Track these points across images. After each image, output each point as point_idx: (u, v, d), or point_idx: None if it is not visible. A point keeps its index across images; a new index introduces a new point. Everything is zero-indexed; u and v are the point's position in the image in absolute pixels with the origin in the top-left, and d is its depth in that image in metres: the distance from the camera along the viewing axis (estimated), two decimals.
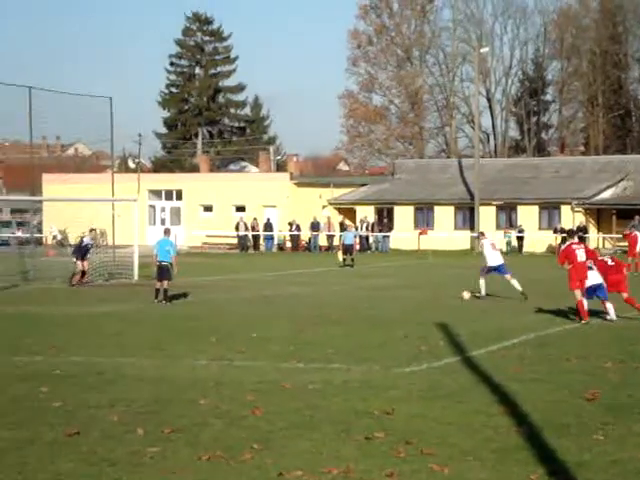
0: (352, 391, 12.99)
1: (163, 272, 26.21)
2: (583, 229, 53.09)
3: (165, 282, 26.17)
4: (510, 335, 18.84)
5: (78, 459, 9.45)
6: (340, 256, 44.63)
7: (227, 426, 10.91)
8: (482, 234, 30.73)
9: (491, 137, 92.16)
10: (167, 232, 27.60)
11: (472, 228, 60.07)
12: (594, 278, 21.44)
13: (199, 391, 12.96)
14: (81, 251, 32.86)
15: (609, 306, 21.38)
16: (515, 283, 26.75)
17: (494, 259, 27.49)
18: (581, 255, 21.60)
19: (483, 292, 27.08)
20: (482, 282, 27.21)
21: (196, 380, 13.89)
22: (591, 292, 21.48)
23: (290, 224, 63.31)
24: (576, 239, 22.83)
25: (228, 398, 12.48)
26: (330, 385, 13.44)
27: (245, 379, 13.96)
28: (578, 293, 21.18)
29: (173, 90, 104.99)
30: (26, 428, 10.80)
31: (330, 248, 61.56)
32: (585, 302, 21.11)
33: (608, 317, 21.28)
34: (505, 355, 16.36)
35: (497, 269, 27.49)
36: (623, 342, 17.99)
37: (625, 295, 21.87)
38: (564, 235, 44.84)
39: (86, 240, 33.24)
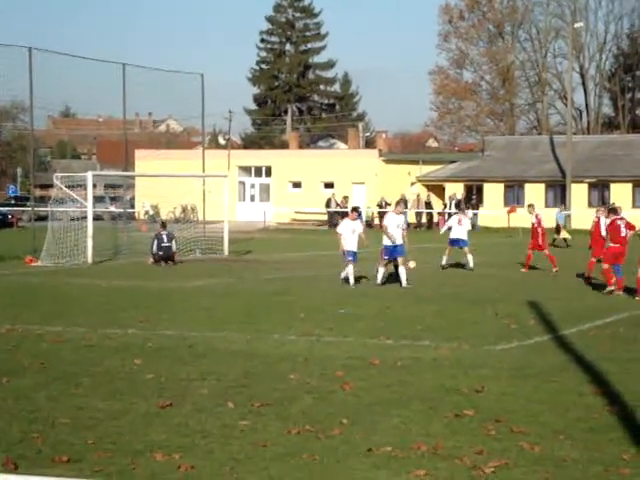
0: (441, 368, 12.96)
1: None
2: None
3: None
4: (602, 314, 18.58)
5: (171, 430, 9.61)
6: (565, 233, 45.08)
7: (316, 401, 10.97)
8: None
9: (584, 114, 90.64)
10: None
11: (564, 206, 59.19)
12: None
13: (289, 366, 13.05)
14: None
15: None
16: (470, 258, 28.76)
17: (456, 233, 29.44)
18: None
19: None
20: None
21: (285, 355, 13.99)
22: None
23: (379, 204, 63.14)
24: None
25: (317, 373, 12.56)
26: (419, 362, 13.42)
27: (334, 355, 14.02)
28: None
29: (263, 67, 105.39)
30: (120, 399, 11.01)
31: (419, 226, 61.28)
32: None
33: None
34: (597, 334, 16.14)
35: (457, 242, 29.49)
36: None
37: None
38: None
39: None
